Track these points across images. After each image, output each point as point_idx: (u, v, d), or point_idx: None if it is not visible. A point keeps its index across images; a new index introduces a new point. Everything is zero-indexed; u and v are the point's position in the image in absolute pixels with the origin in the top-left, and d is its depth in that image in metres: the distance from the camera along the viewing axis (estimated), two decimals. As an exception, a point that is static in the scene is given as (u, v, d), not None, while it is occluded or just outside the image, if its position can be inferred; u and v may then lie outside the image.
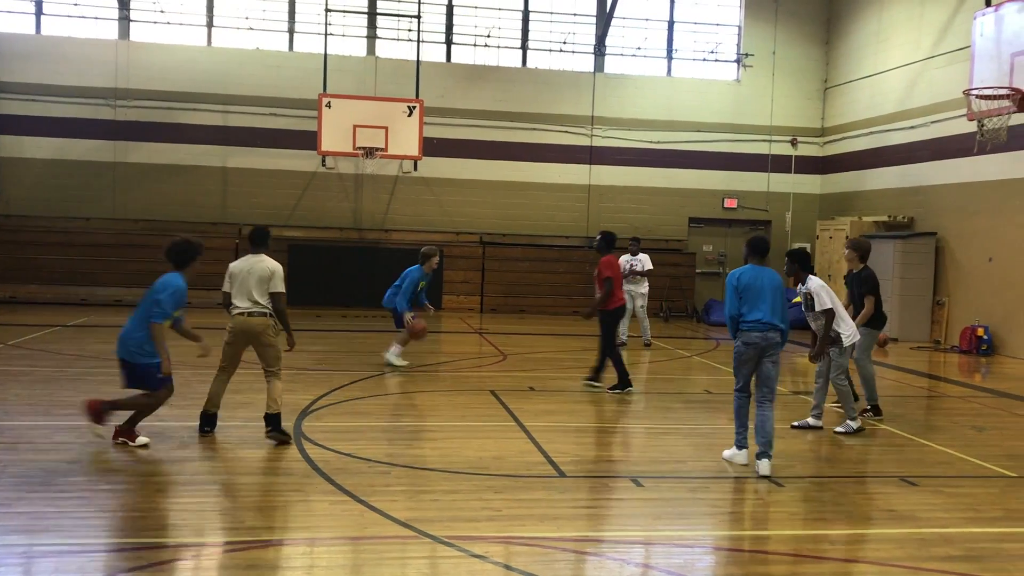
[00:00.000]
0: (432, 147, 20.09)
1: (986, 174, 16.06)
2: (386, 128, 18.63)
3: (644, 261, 15.41)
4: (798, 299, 8.82)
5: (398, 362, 12.02)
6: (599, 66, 21.58)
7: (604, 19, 21.25)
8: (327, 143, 18.58)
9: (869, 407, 9.48)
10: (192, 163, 20.23)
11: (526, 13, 21.45)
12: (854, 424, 8.67)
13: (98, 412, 7.14)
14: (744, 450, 7.38)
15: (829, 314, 8.33)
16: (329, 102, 18.55)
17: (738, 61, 21.97)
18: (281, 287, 7.68)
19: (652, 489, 6.57)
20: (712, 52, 22.02)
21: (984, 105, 11.68)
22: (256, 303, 7.63)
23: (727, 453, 7.50)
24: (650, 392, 11.12)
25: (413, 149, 19.00)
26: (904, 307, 17.36)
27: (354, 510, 5.80)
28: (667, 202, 21.69)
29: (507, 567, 4.94)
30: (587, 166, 21.47)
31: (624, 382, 10.49)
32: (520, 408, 9.36)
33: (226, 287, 7.85)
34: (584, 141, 21.41)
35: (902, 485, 6.95)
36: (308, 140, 19.42)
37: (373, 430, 8.21)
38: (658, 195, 21.66)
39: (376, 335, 15.87)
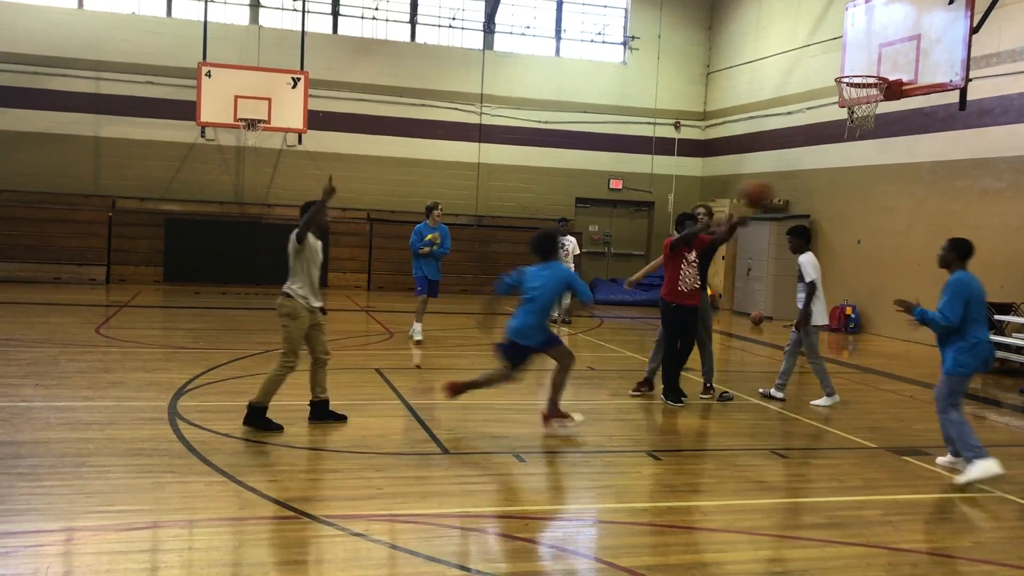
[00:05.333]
0: (318, 120, 19.69)
1: (856, 159, 16.81)
2: (269, 100, 18.17)
3: (573, 243, 15.85)
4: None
5: (417, 337, 12.69)
6: (488, 44, 21.54)
7: (494, -4, 21.21)
8: (207, 114, 17.98)
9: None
10: (62, 132, 19.25)
11: (415, -13, 21.20)
12: (828, 401, 9.33)
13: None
14: (989, 459, 6.45)
15: (810, 287, 9.10)
16: (209, 71, 17.94)
17: (625, 44, 22.29)
18: None
19: (534, 464, 6.65)
20: (600, 34, 22.28)
21: (854, 93, 12.18)
22: None
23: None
24: (534, 369, 11.21)
25: (298, 122, 18.59)
26: (778, 287, 18.05)
27: (231, 490, 5.66)
28: (554, 182, 21.89)
29: (388, 545, 4.91)
30: (476, 144, 21.44)
31: None
32: (405, 386, 9.32)
33: None
34: (473, 119, 21.36)
35: (772, 457, 7.24)
36: (187, 110, 18.74)
37: (253, 409, 8.00)
38: (546, 175, 21.83)
39: (256, 313, 15.49)
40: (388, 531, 5.12)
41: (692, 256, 8.83)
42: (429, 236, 12.45)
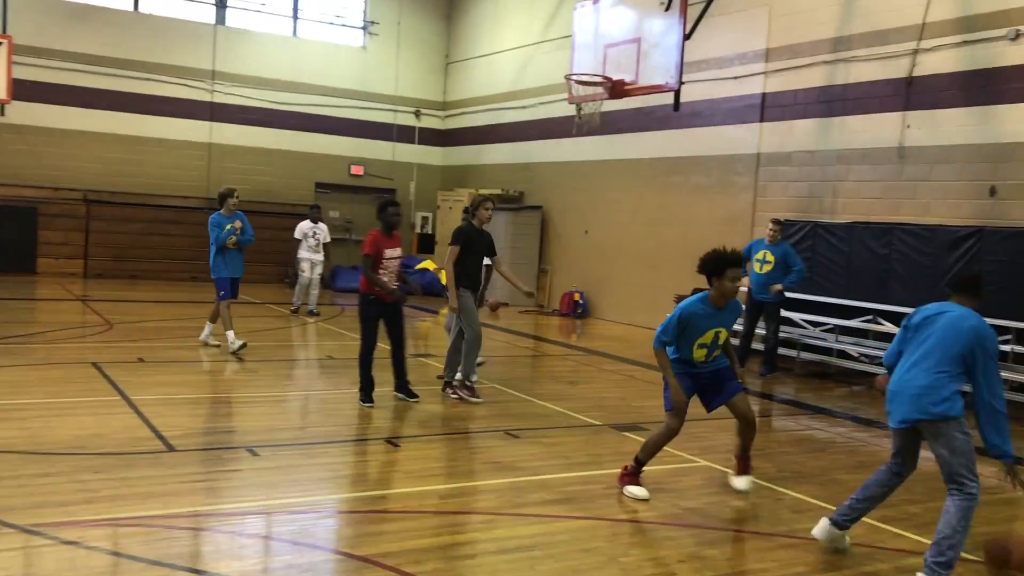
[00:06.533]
0: (25, 90, 17.85)
1: (584, 154, 17.76)
2: (-35, 65, 16.24)
3: (324, 232, 15.25)
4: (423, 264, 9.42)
5: (237, 344, 10.58)
6: (220, 19, 20.52)
7: (227, -31, 20.23)
8: None
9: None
10: None
11: (138, -48, 19.76)
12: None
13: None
14: (833, 527, 5.17)
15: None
16: None
17: (364, 28, 22.08)
18: None
19: (269, 458, 6.45)
20: (338, 16, 21.92)
21: (582, 91, 12.83)
22: None
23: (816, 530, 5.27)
24: (272, 359, 10.90)
25: (0, 91, 16.76)
26: (514, 274, 18.69)
27: (-84, 504, 5.02)
28: (293, 165, 21.30)
29: (107, 551, 4.57)
30: (208, 123, 20.39)
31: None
32: (126, 381, 8.69)
33: None
34: (204, 96, 20.28)
35: (506, 438, 7.50)
36: None
37: (-55, 411, 7.16)
38: (284, 158, 21.19)
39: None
40: (107, 537, 4.77)
41: (395, 252, 8.36)
42: (230, 226, 10.78)
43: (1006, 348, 10.06)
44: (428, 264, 16.00)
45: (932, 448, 4.83)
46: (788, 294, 11.82)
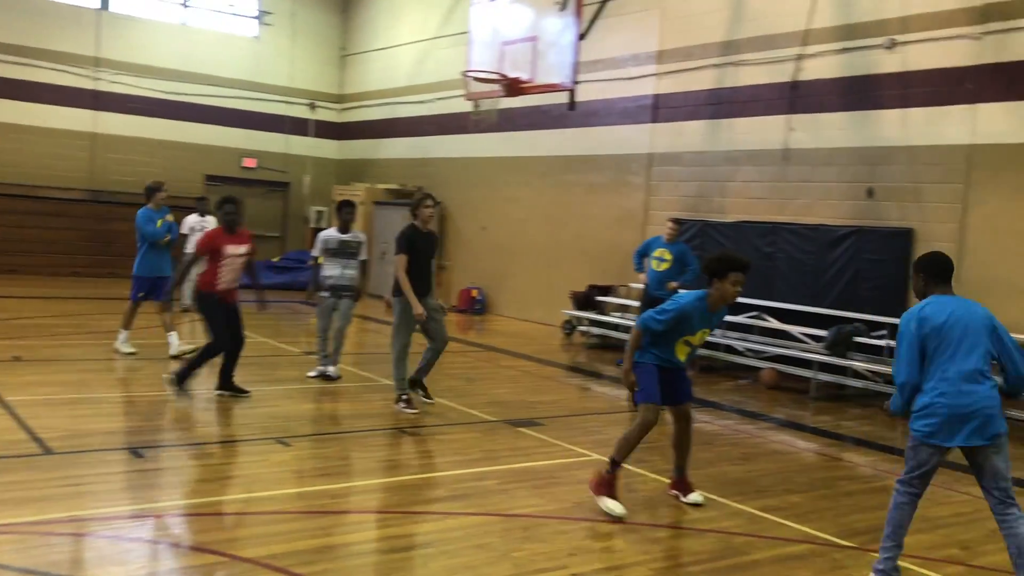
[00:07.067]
0: None
1: (482, 151, 17.79)
2: None
3: (212, 224, 14.64)
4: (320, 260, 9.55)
5: (126, 348, 10.25)
6: (104, 3, 19.71)
7: (111, -48, 19.44)
8: None
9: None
10: None
11: (15, -69, 18.79)
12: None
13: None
14: None
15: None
16: None
17: (258, 18, 21.57)
18: None
19: (153, 459, 6.25)
20: (231, 5, 21.35)
21: (479, 87, 12.86)
22: None
23: None
24: (156, 358, 10.56)
25: None
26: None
27: None
28: (182, 157, 20.61)
29: (-25, 561, 4.35)
30: (91, 112, 19.55)
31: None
32: (1, 381, 8.29)
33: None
34: (87, 84, 19.45)
35: (400, 436, 7.47)
36: None
37: None
38: (172, 149, 20.49)
39: None
40: (-26, 546, 4.54)
41: (238, 250, 8.15)
42: (162, 221, 10.40)
43: (881, 343, 10.56)
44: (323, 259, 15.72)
45: (988, 464, 4.50)
46: (682, 291, 12.11)
